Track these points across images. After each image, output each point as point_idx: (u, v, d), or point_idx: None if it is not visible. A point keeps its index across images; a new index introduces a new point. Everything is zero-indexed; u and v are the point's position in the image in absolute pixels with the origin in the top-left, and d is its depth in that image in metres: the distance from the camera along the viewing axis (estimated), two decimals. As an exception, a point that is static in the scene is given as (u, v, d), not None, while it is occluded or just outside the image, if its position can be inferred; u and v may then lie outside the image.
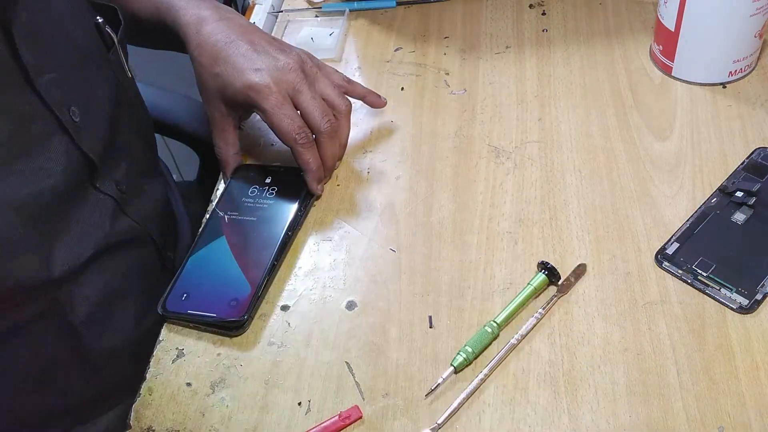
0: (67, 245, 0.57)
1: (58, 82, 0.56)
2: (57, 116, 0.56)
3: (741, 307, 0.57)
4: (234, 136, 0.71)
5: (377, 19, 0.91)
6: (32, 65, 0.53)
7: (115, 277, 0.63)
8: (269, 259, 0.63)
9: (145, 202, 0.68)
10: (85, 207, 0.59)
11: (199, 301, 0.61)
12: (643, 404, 0.52)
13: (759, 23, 0.71)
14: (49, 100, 0.55)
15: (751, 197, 0.63)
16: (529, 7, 0.89)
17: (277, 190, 0.69)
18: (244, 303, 0.60)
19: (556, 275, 0.59)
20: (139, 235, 0.66)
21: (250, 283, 0.61)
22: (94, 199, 0.60)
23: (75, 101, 0.58)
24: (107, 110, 0.63)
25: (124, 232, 0.63)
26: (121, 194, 0.63)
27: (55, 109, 0.55)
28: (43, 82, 0.55)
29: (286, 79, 0.66)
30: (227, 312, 0.60)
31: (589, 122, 0.73)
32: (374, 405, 0.55)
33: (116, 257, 0.63)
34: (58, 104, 0.56)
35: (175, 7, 0.70)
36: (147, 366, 0.59)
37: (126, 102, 0.68)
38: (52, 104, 0.55)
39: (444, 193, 0.69)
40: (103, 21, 0.64)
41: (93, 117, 0.60)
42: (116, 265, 0.63)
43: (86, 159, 0.59)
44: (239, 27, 0.69)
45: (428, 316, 0.60)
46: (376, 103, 0.75)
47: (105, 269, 0.61)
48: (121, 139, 0.65)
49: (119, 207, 0.63)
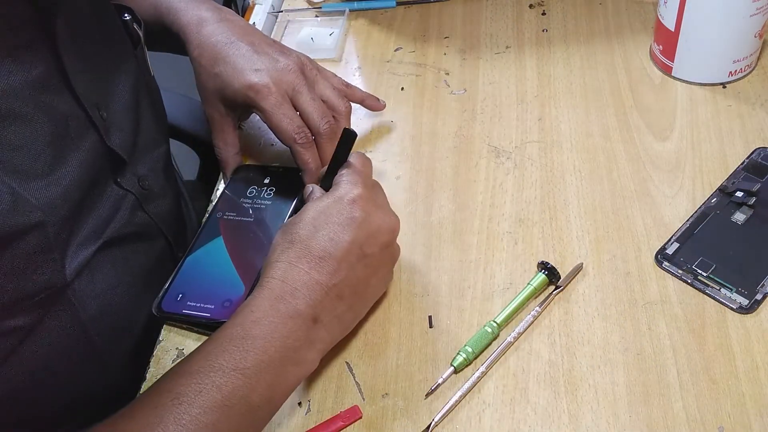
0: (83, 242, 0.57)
1: (92, 82, 0.57)
2: (89, 115, 0.56)
3: (741, 307, 0.57)
4: (233, 136, 0.71)
5: (377, 19, 0.91)
6: (71, 66, 0.54)
7: (125, 270, 0.63)
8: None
9: (163, 199, 0.68)
10: (104, 202, 0.59)
11: (194, 301, 0.61)
12: (643, 404, 0.52)
13: (759, 23, 0.71)
14: (84, 100, 0.56)
15: (751, 197, 0.63)
16: (529, 7, 0.89)
17: (276, 190, 0.69)
18: (238, 304, 0.60)
19: (556, 275, 0.59)
20: (152, 231, 0.66)
21: (244, 284, 0.61)
22: (114, 195, 0.60)
23: (104, 100, 0.59)
24: (133, 108, 0.64)
25: (137, 226, 0.64)
26: (142, 190, 0.64)
27: (89, 108, 0.56)
28: (79, 82, 0.55)
29: (286, 79, 0.66)
30: (220, 313, 0.59)
31: (589, 122, 0.73)
32: (374, 405, 0.55)
33: (126, 250, 0.63)
34: (91, 104, 0.57)
35: (175, 8, 0.71)
36: (147, 366, 0.59)
37: (149, 99, 0.69)
38: (87, 104, 0.56)
39: (444, 193, 0.69)
40: (130, 19, 0.64)
41: (120, 115, 0.61)
42: (126, 259, 0.63)
43: (113, 156, 0.59)
44: (239, 28, 0.69)
45: (428, 316, 0.60)
46: (375, 107, 0.75)
47: (115, 262, 0.61)
48: (144, 136, 0.66)
49: (138, 203, 0.63)
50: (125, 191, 0.61)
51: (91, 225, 0.57)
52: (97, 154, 0.57)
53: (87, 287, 0.58)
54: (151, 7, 0.73)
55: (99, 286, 0.59)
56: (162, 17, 0.72)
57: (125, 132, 0.62)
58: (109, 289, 0.60)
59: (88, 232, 0.57)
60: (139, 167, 0.64)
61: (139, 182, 0.64)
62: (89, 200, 0.57)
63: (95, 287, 0.59)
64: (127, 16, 0.64)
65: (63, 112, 0.54)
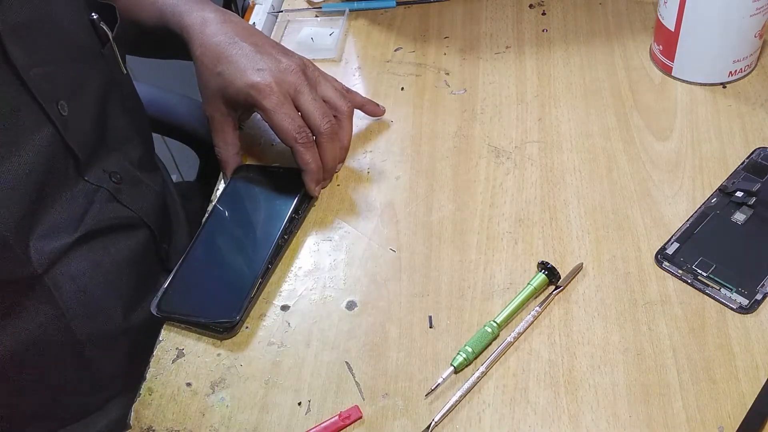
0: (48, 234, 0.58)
1: (48, 76, 0.58)
2: (44, 109, 0.57)
3: (741, 307, 0.57)
4: (234, 136, 0.71)
5: (377, 19, 0.91)
6: (20, 59, 0.55)
7: (104, 259, 0.64)
8: (263, 261, 0.62)
9: (142, 191, 0.70)
10: (70, 196, 0.61)
11: (192, 301, 0.61)
12: (643, 404, 0.52)
13: (759, 23, 0.71)
14: (37, 94, 0.56)
15: (751, 197, 0.63)
16: (529, 7, 0.89)
17: (276, 191, 0.69)
18: (237, 304, 0.60)
19: (556, 275, 0.59)
20: (134, 222, 0.68)
21: (243, 285, 0.61)
22: (82, 189, 0.62)
23: (64, 95, 0.59)
24: (98, 104, 0.65)
25: (116, 218, 0.65)
26: (115, 184, 0.65)
27: (44, 102, 0.57)
28: (33, 75, 0.56)
29: (288, 80, 0.66)
30: (219, 313, 0.59)
31: (589, 122, 0.73)
32: (374, 405, 0.55)
33: (106, 240, 0.64)
34: (46, 98, 0.57)
35: (179, 10, 0.72)
36: (147, 366, 0.59)
37: (120, 97, 0.69)
38: (40, 98, 0.57)
39: (444, 193, 0.69)
40: (98, 17, 0.65)
41: (82, 110, 0.62)
42: (106, 248, 0.65)
43: (70, 152, 0.60)
44: (243, 29, 0.70)
45: (428, 316, 0.60)
46: (375, 112, 0.76)
47: (94, 251, 0.63)
48: (114, 133, 0.67)
49: (112, 195, 0.65)
50: (95, 186, 0.63)
51: (61, 217, 0.59)
52: (55, 148, 0.58)
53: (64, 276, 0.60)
54: (156, 10, 0.74)
55: (77, 274, 0.61)
56: (166, 19, 0.72)
57: (89, 129, 0.63)
58: (86, 277, 0.62)
59: (57, 223, 0.59)
60: (108, 163, 0.65)
61: (110, 177, 0.65)
62: (51, 193, 0.58)
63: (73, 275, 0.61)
64: (95, 15, 0.65)
65: (13, 105, 0.55)
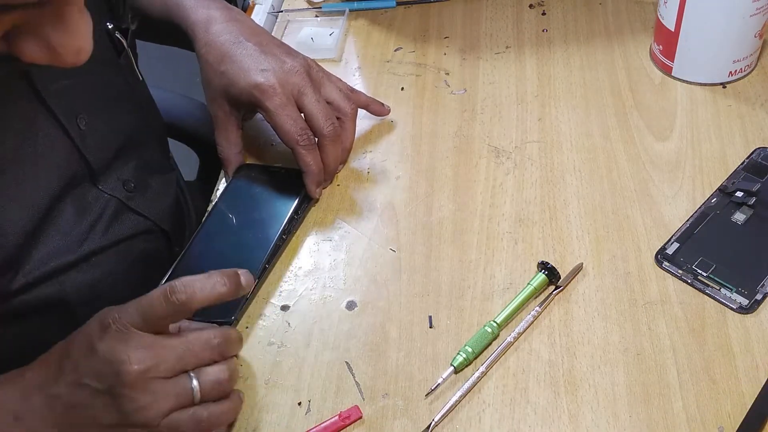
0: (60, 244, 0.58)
1: (67, 91, 0.57)
2: (63, 125, 0.57)
3: (741, 307, 0.57)
4: (236, 135, 0.71)
5: (377, 19, 0.91)
6: (38, 75, 0.54)
7: (118, 265, 0.64)
8: (261, 261, 0.62)
9: (154, 197, 0.69)
10: (83, 207, 0.60)
11: None
12: (643, 404, 0.52)
13: (759, 23, 0.71)
14: (56, 110, 0.56)
15: (751, 197, 0.63)
16: (529, 7, 0.89)
17: (276, 191, 0.69)
18: (232, 304, 0.59)
19: (556, 275, 0.59)
20: (148, 227, 0.67)
21: None
22: (95, 198, 0.61)
23: (83, 108, 0.59)
24: (117, 114, 0.65)
25: (130, 226, 0.65)
26: (127, 193, 0.65)
27: (62, 117, 0.57)
28: (51, 91, 0.56)
29: (292, 81, 0.66)
30: (216, 313, 0.59)
31: (589, 122, 0.73)
32: (374, 405, 0.55)
33: (120, 247, 0.64)
34: (65, 113, 0.57)
35: (184, 5, 0.71)
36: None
37: (136, 104, 0.69)
38: (59, 113, 0.56)
39: (444, 193, 0.69)
40: (113, 27, 0.65)
41: (101, 122, 0.62)
42: (120, 255, 0.64)
43: (87, 164, 0.60)
44: (248, 29, 0.70)
45: (428, 316, 0.60)
46: (380, 112, 0.76)
47: (108, 259, 0.63)
48: (131, 141, 0.66)
49: (124, 204, 0.64)
50: (109, 195, 0.63)
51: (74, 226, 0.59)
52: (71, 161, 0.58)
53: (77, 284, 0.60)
54: (161, 2, 0.73)
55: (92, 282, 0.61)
56: (171, 14, 0.72)
57: (106, 140, 0.63)
58: (102, 283, 0.62)
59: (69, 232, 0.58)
60: (124, 171, 0.65)
61: (123, 186, 0.64)
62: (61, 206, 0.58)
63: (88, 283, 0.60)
64: (110, 24, 0.65)
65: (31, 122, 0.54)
